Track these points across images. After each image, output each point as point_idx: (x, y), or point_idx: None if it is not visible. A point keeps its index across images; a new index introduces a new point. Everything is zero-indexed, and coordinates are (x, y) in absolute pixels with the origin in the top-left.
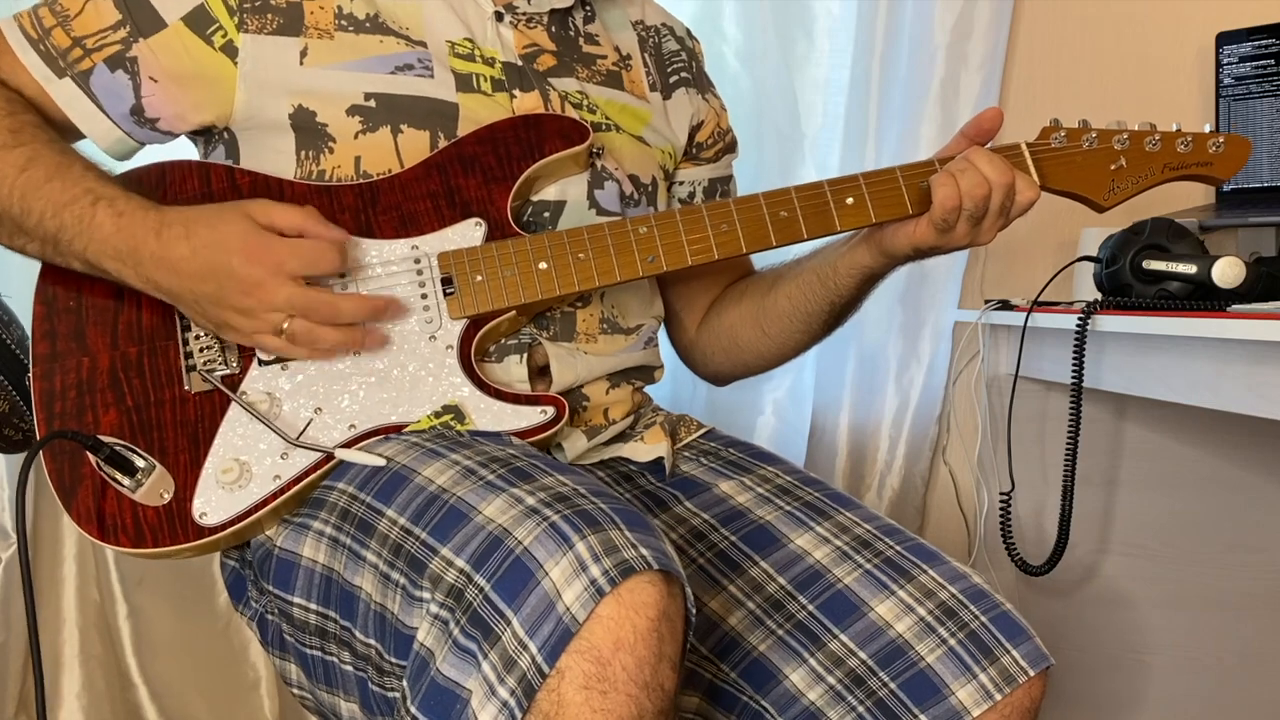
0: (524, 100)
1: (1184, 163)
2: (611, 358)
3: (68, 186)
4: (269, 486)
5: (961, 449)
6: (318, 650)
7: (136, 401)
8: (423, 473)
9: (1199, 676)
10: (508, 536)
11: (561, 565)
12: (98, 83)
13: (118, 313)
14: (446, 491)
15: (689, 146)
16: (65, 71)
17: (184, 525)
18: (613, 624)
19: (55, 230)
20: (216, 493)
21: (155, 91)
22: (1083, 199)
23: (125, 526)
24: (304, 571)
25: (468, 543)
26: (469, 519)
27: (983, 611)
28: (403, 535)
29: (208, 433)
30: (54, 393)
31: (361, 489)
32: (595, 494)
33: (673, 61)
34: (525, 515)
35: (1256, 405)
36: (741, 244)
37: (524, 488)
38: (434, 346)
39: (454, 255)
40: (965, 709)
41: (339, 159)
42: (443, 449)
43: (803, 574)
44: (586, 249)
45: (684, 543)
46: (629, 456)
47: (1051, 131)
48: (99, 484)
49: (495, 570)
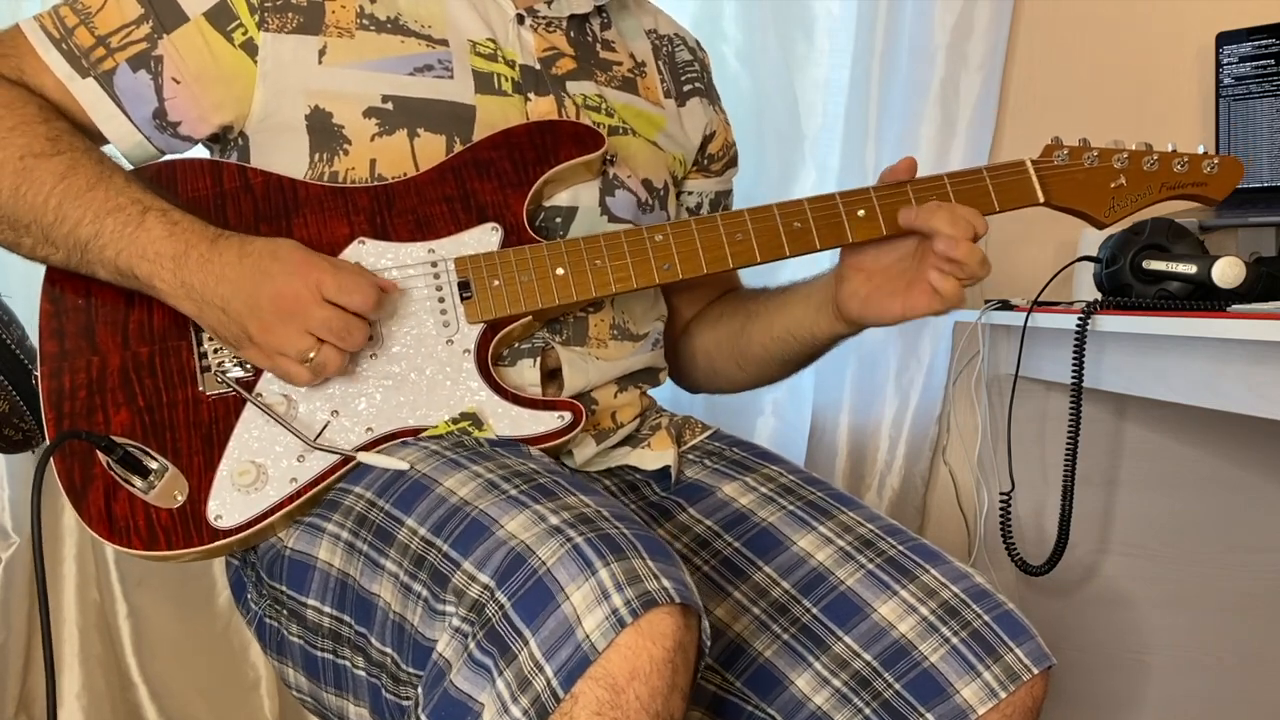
0: (538, 104)
1: (1180, 182)
2: (621, 361)
3: (112, 195)
4: (285, 489)
5: (961, 449)
6: (329, 654)
7: (149, 402)
8: (444, 483)
9: (1199, 676)
10: (530, 555)
11: (583, 590)
12: (121, 84)
13: (128, 311)
14: (469, 504)
15: (700, 157)
16: (88, 71)
17: (198, 527)
18: (630, 653)
19: (89, 238)
20: (232, 495)
21: (177, 93)
22: (1084, 215)
23: (138, 528)
24: (319, 574)
25: (489, 557)
26: (491, 533)
27: (985, 611)
28: (424, 546)
29: (222, 434)
30: (63, 392)
31: (380, 495)
32: (618, 517)
33: (686, 71)
34: (548, 534)
35: (1256, 405)
36: (756, 254)
37: (547, 505)
38: (451, 350)
39: (471, 260)
40: (970, 707)
41: (353, 161)
42: (464, 459)
43: (806, 577)
44: (603, 255)
45: (688, 551)
46: (636, 464)
47: (1054, 149)
48: (110, 485)
49: (517, 589)
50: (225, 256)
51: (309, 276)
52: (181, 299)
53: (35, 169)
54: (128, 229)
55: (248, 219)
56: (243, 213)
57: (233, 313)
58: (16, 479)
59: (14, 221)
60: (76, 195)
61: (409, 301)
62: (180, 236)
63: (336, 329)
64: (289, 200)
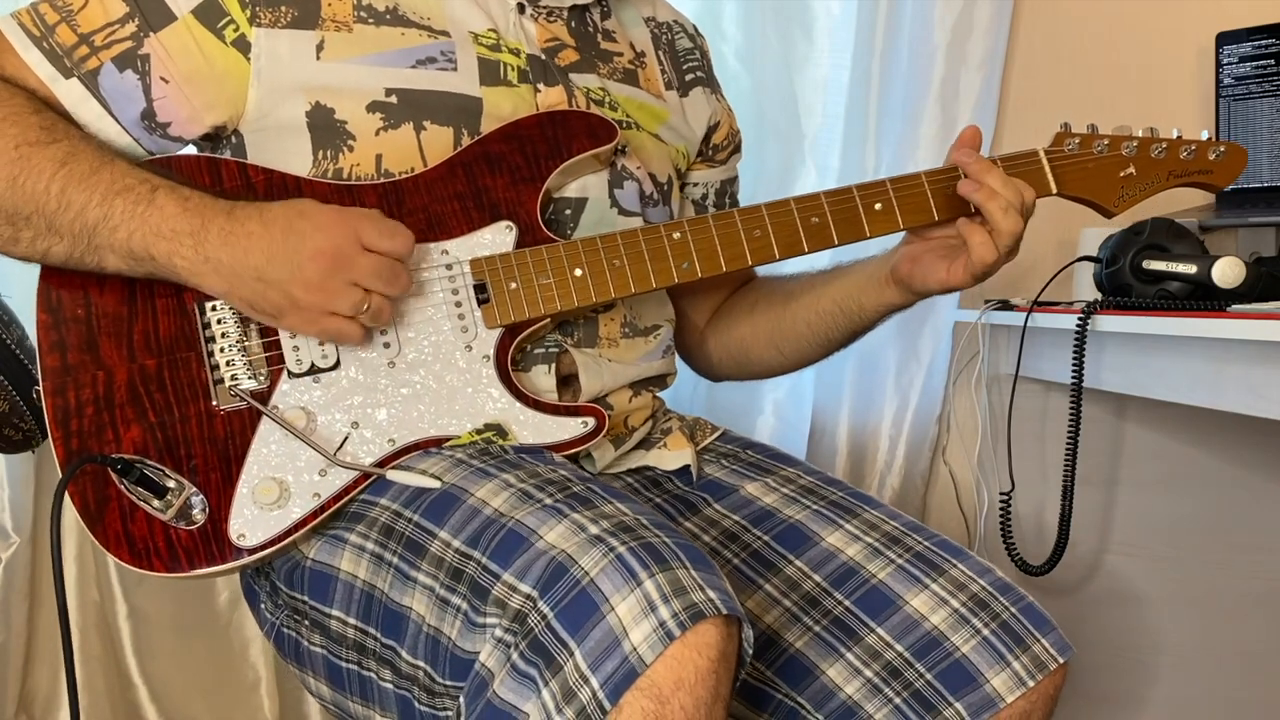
0: (548, 95)
1: (1187, 170)
2: (634, 366)
3: (118, 176)
4: (309, 505)
5: (961, 449)
6: (354, 665)
7: (160, 418)
8: (475, 493)
9: (1199, 676)
10: (572, 565)
11: (629, 602)
12: (106, 84)
13: (131, 321)
14: (504, 515)
15: (704, 147)
16: (72, 71)
17: (220, 546)
18: (675, 664)
19: (96, 221)
20: (254, 512)
21: (167, 93)
22: (1094, 205)
23: (158, 549)
24: (343, 585)
25: (530, 567)
26: (530, 543)
27: (1012, 603)
28: (461, 559)
29: (239, 450)
30: (69, 409)
31: (407, 506)
32: (658, 526)
33: (687, 59)
34: (590, 543)
35: (1256, 405)
36: (775, 250)
37: (585, 514)
38: (470, 357)
39: (487, 262)
40: (1000, 696)
41: (359, 157)
42: (492, 468)
43: (837, 570)
44: (621, 255)
45: (718, 544)
46: (655, 465)
47: (1065, 138)
48: (127, 506)
49: (560, 598)
50: (248, 226)
51: (346, 227)
52: (207, 275)
53: (32, 157)
54: (139, 208)
55: None
56: None
57: (272, 280)
58: (16, 479)
59: (13, 214)
60: (80, 179)
61: (425, 306)
62: (195, 211)
63: (385, 275)
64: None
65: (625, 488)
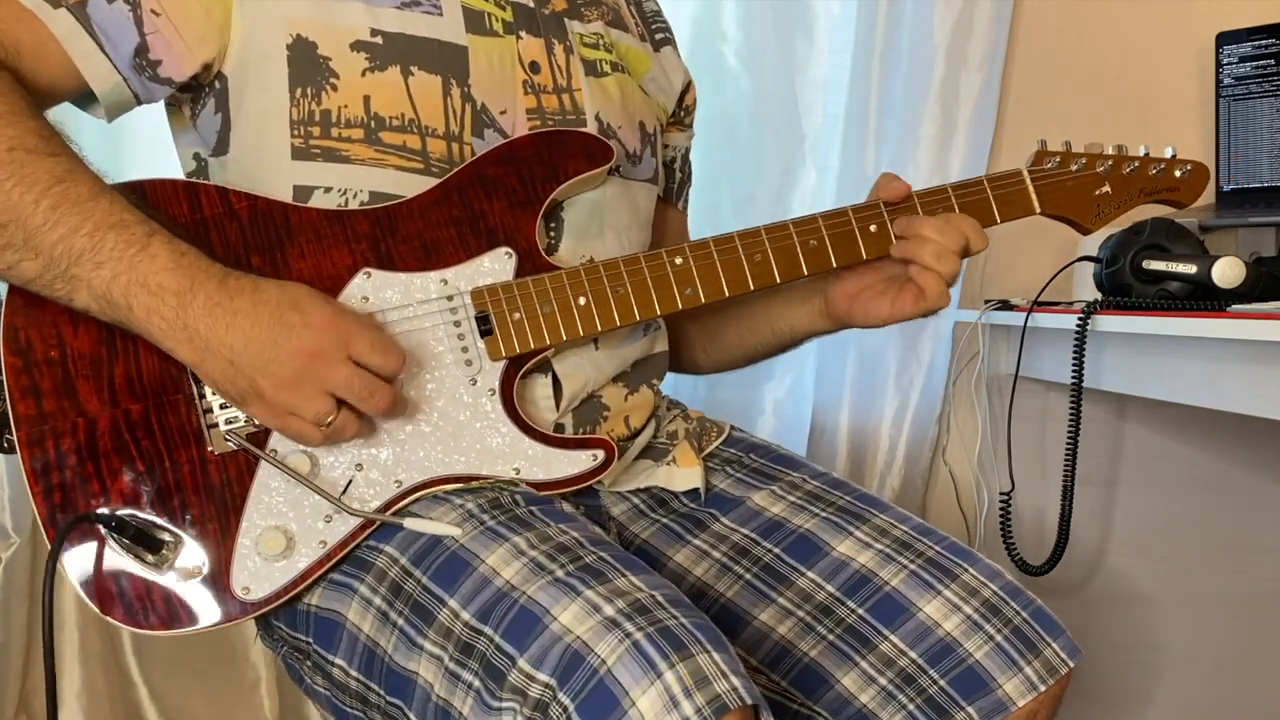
0: (529, 44)
1: (1156, 187)
2: (616, 352)
3: (117, 210)
4: (315, 554)
5: (961, 449)
6: (359, 712)
7: (149, 466)
8: (486, 559)
9: (1199, 676)
10: (589, 653)
11: (650, 696)
12: (97, 16)
13: (111, 363)
14: (515, 589)
15: (678, 109)
16: (60, 1)
17: (224, 601)
18: None
19: (82, 250)
20: (258, 564)
21: (159, 27)
22: (1073, 223)
23: (155, 607)
24: (347, 635)
25: (546, 654)
26: (544, 625)
27: (1022, 607)
28: (471, 634)
29: (237, 497)
30: (49, 461)
31: (416, 564)
32: (673, 603)
33: (655, 21)
34: (605, 628)
35: (1256, 405)
36: (775, 274)
37: (599, 591)
38: (475, 391)
39: (489, 292)
40: (1011, 700)
41: (345, 98)
42: (503, 528)
43: (849, 579)
44: (624, 283)
45: (728, 560)
46: (664, 485)
47: (1045, 156)
48: (120, 564)
49: (579, 690)
50: (237, 302)
51: (337, 331)
52: (180, 343)
53: (28, 165)
54: (130, 249)
55: (236, 250)
56: (230, 242)
57: (242, 365)
58: (16, 479)
59: None
60: (76, 202)
61: (426, 341)
62: (187, 271)
63: (359, 391)
64: (280, 228)
65: (632, 509)
